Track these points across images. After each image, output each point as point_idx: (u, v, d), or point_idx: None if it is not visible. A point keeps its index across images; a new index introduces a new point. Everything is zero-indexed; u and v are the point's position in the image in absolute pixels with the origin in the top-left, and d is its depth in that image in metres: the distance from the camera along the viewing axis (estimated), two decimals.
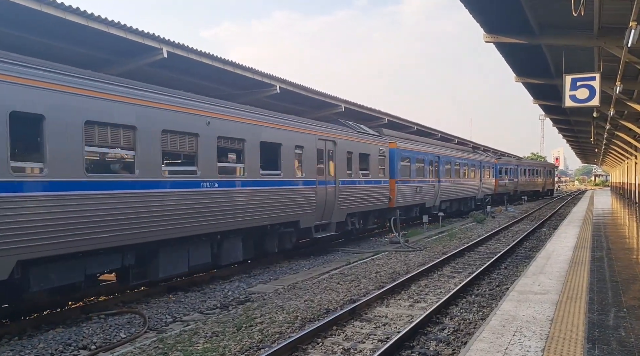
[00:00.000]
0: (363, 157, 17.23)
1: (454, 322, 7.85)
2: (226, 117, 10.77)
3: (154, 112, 8.98)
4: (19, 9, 8.87)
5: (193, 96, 10.28)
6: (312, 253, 15.23)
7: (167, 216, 9.11)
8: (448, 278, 11.36)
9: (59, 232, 7.29)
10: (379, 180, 18.18)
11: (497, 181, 36.41)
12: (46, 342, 7.06)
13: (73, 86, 7.66)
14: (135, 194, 8.55)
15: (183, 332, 7.32)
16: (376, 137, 18.57)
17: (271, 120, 12.43)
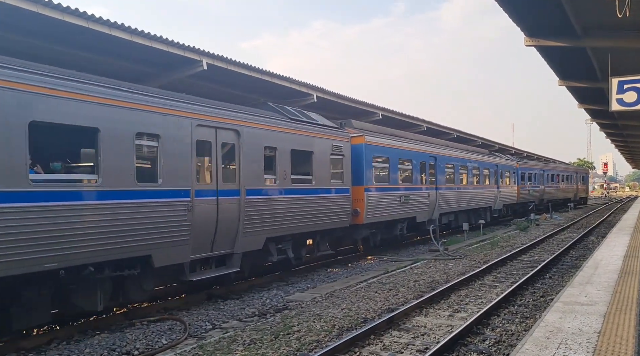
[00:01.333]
0: (300, 157, 12.47)
1: (495, 333, 7.65)
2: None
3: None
4: (67, 26, 9.30)
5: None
6: (349, 261, 15.16)
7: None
8: (489, 287, 11.08)
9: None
10: (330, 188, 13.36)
11: (519, 188, 31.25)
12: (92, 347, 7.30)
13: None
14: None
15: (222, 339, 7.42)
16: (327, 129, 13.60)
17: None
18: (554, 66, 15.15)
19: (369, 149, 15.14)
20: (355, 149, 14.71)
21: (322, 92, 16.75)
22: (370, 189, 14.98)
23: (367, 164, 14.93)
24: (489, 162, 26.44)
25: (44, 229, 6.84)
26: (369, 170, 15.01)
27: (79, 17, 9.15)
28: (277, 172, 11.50)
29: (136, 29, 10.24)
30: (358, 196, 14.55)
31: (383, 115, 20.65)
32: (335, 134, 13.91)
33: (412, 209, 17.53)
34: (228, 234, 10.07)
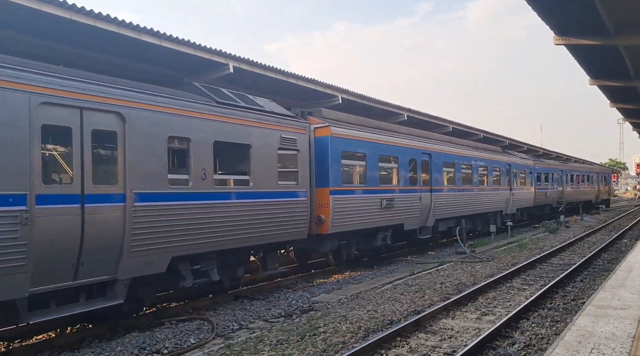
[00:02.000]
0: (230, 151, 10.22)
1: (524, 337, 7.52)
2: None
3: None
4: (99, 32, 9.53)
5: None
6: (375, 263, 15.11)
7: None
8: (518, 290, 10.90)
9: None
10: (277, 192, 10.65)
11: (535, 190, 28.29)
12: (123, 345, 7.46)
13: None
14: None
15: (249, 339, 7.49)
16: (273, 118, 10.84)
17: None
18: (585, 64, 14.83)
19: (337, 143, 12.46)
20: (319, 143, 12.24)
21: (347, 94, 16.74)
22: (338, 192, 12.35)
23: (333, 161, 12.31)
24: (500, 160, 23.60)
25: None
26: (336, 168, 12.42)
27: (111, 22, 9.37)
28: (192, 171, 8.76)
29: (164, 33, 10.42)
30: (322, 200, 12.09)
31: (408, 116, 20.49)
32: (286, 124, 11.12)
33: (398, 215, 14.85)
34: (105, 255, 7.43)
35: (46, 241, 6.68)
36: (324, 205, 12.13)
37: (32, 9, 8.21)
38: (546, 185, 30.73)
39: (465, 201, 19.58)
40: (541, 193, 29.52)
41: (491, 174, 22.40)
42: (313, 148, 12.19)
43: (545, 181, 30.53)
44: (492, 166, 22.48)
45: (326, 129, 12.40)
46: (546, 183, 30.78)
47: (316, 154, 12.24)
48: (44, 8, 8.28)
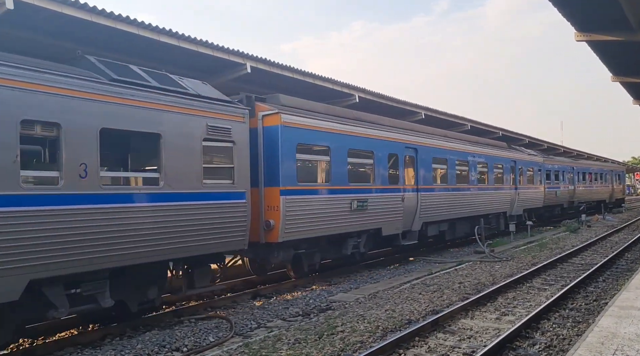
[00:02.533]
0: (129, 142, 8.89)
1: (545, 337, 7.42)
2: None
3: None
4: (119, 34, 9.68)
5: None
6: (393, 262, 15.05)
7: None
8: (538, 290, 10.75)
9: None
10: (200, 193, 8.63)
11: (545, 189, 26.29)
12: (143, 343, 7.55)
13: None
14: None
15: (267, 338, 7.52)
16: (198, 102, 8.77)
17: None
18: (607, 61, 14.57)
19: (290, 134, 10.47)
20: (268, 133, 10.33)
21: (364, 93, 16.72)
22: (291, 192, 10.41)
23: (285, 156, 10.35)
24: (504, 157, 21.29)
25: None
26: (289, 164, 10.46)
27: (130, 24, 9.51)
28: (65, 167, 6.74)
29: (182, 34, 10.53)
30: (272, 201, 10.23)
31: (426, 115, 20.40)
32: (216, 110, 9.00)
33: (374, 218, 12.93)
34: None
35: None
36: (273, 208, 10.21)
37: (54, 11, 8.35)
38: (557, 184, 28.68)
39: (460, 202, 17.43)
40: (551, 192, 27.46)
41: (492, 172, 20.15)
42: (262, 140, 10.33)
43: (555, 179, 28.48)
44: (494, 162, 20.29)
45: (275, 117, 10.27)
46: (557, 182, 28.72)
47: (265, 147, 10.33)
48: (65, 10, 8.43)
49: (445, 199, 16.49)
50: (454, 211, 17.01)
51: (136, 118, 7.69)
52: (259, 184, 10.29)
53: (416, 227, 14.87)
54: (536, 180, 25.19)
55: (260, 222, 10.20)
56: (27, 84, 6.37)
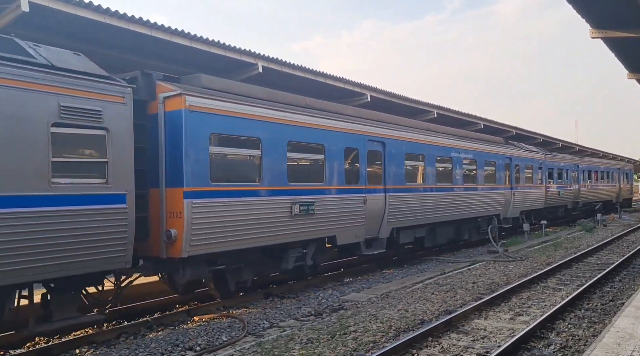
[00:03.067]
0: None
1: (561, 338, 7.33)
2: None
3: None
4: (132, 35, 9.76)
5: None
6: (405, 262, 15.00)
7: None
8: (553, 290, 10.64)
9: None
10: (52, 196, 6.68)
11: (546, 188, 24.41)
12: (157, 342, 7.61)
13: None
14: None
15: (279, 338, 7.53)
16: (43, 73, 6.68)
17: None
18: (623, 58, 14.36)
19: (200, 121, 8.45)
20: (170, 120, 8.30)
21: (376, 92, 16.68)
22: (200, 194, 8.39)
23: (192, 148, 8.32)
24: (496, 153, 19.10)
25: None
26: (198, 159, 8.44)
27: (143, 25, 9.59)
28: None
29: (195, 34, 10.59)
30: (174, 206, 8.22)
31: (438, 113, 20.29)
32: (75, 86, 6.94)
33: (325, 224, 10.91)
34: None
35: None
36: (176, 214, 8.19)
37: (68, 13, 8.45)
38: (560, 183, 26.62)
39: (441, 204, 15.19)
40: (554, 192, 25.55)
41: (482, 170, 17.92)
42: (163, 128, 8.33)
43: (558, 178, 26.47)
44: (485, 159, 18.05)
45: (178, 99, 8.21)
46: (560, 180, 26.65)
47: (167, 136, 8.33)
48: (79, 12, 8.52)
49: (421, 201, 14.24)
50: (434, 215, 14.77)
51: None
52: (159, 185, 8.34)
53: (384, 234, 12.71)
54: (536, 179, 23.18)
55: (160, 232, 8.25)
56: None
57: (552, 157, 26.42)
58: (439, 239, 15.65)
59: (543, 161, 24.26)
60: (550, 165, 25.51)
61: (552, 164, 25.72)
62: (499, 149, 19.72)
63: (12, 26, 8.44)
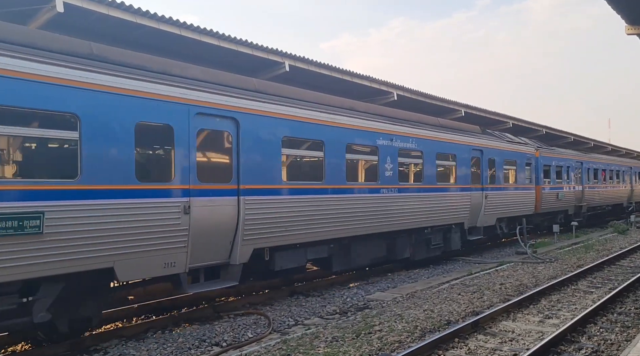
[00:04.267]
0: None
1: (592, 342, 7.16)
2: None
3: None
4: (161, 34, 9.92)
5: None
6: (431, 262, 14.87)
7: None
8: (584, 293, 10.39)
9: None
10: None
11: (540, 190, 19.81)
12: (184, 337, 7.73)
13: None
14: None
15: (304, 335, 7.55)
16: None
17: None
18: None
19: None
20: None
21: (403, 90, 16.57)
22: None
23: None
24: (458, 143, 14.48)
25: None
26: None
27: (173, 25, 9.74)
28: None
29: (223, 34, 10.71)
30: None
31: (466, 112, 20.04)
32: None
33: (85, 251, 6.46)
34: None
35: None
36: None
37: (101, 13, 8.64)
38: (559, 183, 22.13)
39: (356, 211, 10.78)
40: (549, 194, 20.91)
41: (432, 164, 13.29)
42: None
43: (557, 177, 22.00)
44: (437, 150, 13.44)
45: None
46: (558, 180, 22.13)
47: None
48: (112, 13, 8.71)
49: (313, 207, 9.74)
50: (342, 226, 10.43)
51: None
52: None
53: (241, 257, 8.44)
54: (523, 178, 18.38)
55: None
56: None
57: (548, 151, 21.85)
58: (359, 258, 11.51)
59: (533, 156, 19.59)
60: (546, 161, 20.77)
61: (547, 160, 20.93)
62: (462, 139, 14.75)
63: (46, 27, 8.67)
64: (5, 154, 6.32)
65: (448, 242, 14.40)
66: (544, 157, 20.81)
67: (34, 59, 6.19)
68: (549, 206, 20.96)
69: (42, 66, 6.21)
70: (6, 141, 6.30)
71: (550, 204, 21.16)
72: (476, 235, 15.58)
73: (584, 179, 24.86)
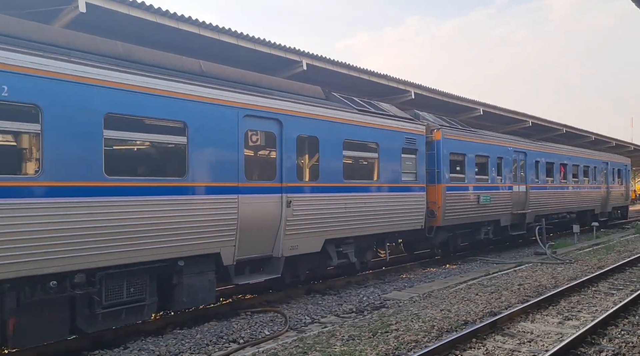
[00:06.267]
0: None
1: (613, 344, 7.05)
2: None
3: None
4: (181, 33, 10.01)
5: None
6: (448, 261, 14.77)
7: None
8: (605, 295, 10.23)
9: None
10: None
11: (442, 191, 13.42)
12: (202, 333, 7.81)
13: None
14: None
15: (321, 333, 7.57)
16: None
17: None
18: None
19: None
20: None
21: (420, 89, 16.47)
22: None
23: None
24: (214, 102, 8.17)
25: None
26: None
27: (192, 24, 9.84)
28: None
29: (242, 33, 10.77)
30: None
31: (484, 111, 19.85)
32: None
33: None
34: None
35: None
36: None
37: (122, 13, 8.77)
38: (482, 180, 15.23)
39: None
40: (461, 197, 14.19)
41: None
42: None
43: (480, 172, 15.26)
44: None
45: None
46: (482, 177, 15.25)
47: None
48: (132, 12, 8.83)
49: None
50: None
51: None
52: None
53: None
54: (396, 172, 11.92)
55: None
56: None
57: (460, 133, 14.49)
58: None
59: (422, 138, 12.77)
60: (454, 148, 13.96)
61: (457, 147, 14.09)
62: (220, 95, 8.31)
63: (69, 27, 8.82)
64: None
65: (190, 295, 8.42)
66: (451, 141, 13.80)
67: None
68: (460, 216, 14.08)
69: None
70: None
71: (464, 213, 14.21)
72: (273, 273, 9.21)
73: (529, 176, 17.83)
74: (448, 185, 13.69)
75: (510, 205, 16.56)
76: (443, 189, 13.46)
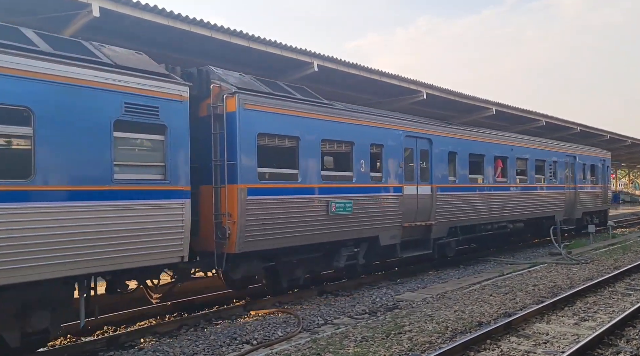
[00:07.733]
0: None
1: (631, 346, 6.95)
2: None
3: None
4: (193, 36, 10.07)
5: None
6: (461, 262, 14.68)
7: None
8: (622, 295, 10.09)
9: None
10: None
11: (236, 194, 8.36)
12: (216, 334, 7.84)
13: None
14: None
15: (334, 335, 7.56)
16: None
17: None
18: None
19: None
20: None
21: (431, 89, 16.38)
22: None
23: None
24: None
25: None
26: None
27: (204, 27, 9.89)
28: None
29: (253, 35, 10.80)
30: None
31: (497, 110, 19.68)
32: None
33: None
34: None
35: None
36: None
37: (136, 17, 8.85)
38: (336, 177, 10.46)
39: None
40: (279, 204, 9.13)
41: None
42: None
43: (335, 164, 10.53)
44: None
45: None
46: (336, 173, 10.52)
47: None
48: (145, 16, 8.91)
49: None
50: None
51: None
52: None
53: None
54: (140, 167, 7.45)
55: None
56: None
57: (276, 102, 9.15)
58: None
59: (186, 107, 7.82)
60: (266, 125, 8.95)
61: (274, 124, 9.09)
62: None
63: (82, 31, 8.93)
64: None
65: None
66: (261, 114, 8.87)
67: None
68: (282, 235, 9.20)
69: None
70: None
71: (291, 229, 9.35)
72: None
73: (436, 172, 13.05)
74: (251, 186, 8.72)
75: (398, 214, 11.76)
76: (240, 192, 8.52)
